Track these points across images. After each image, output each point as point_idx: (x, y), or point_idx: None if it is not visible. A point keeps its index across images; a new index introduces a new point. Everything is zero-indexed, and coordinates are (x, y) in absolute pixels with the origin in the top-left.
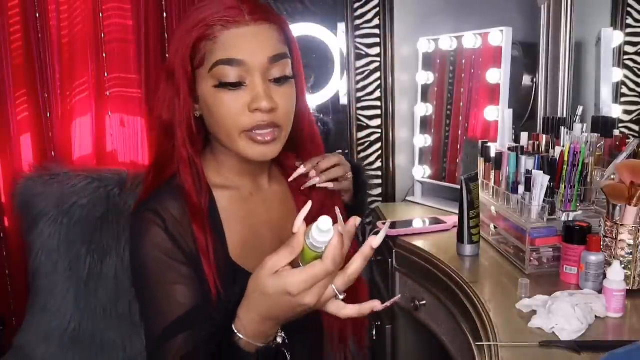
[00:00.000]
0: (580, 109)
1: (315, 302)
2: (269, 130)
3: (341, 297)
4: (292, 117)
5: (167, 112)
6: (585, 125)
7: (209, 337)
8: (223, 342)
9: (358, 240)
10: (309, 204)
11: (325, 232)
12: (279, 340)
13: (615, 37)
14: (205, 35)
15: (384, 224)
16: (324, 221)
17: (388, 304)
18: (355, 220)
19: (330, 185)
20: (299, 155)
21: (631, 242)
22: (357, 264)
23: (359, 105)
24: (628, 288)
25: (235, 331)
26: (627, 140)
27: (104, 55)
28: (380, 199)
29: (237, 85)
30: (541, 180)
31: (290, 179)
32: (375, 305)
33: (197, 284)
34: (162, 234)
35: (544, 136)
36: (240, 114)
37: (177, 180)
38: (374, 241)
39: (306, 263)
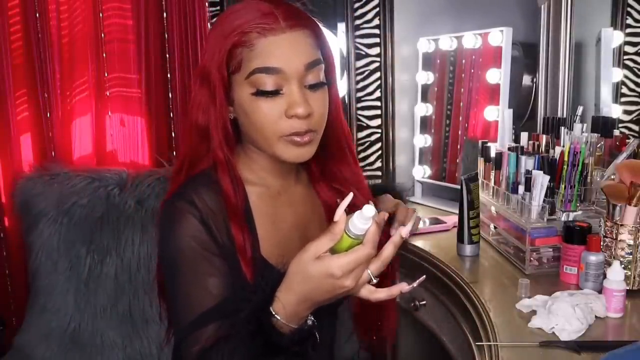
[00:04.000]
0: (580, 109)
1: (355, 285)
2: (306, 134)
3: (375, 281)
4: (325, 121)
5: (202, 116)
6: (585, 125)
7: (247, 319)
8: (260, 323)
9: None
10: (350, 195)
11: (367, 218)
12: (309, 322)
13: (615, 37)
14: (242, 42)
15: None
16: (369, 208)
17: (415, 284)
18: (385, 215)
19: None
20: (325, 157)
21: (631, 242)
22: (389, 250)
23: (359, 105)
24: (628, 288)
25: (274, 312)
26: (627, 140)
27: (104, 55)
28: None
29: (274, 93)
30: (541, 180)
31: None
32: (403, 287)
33: (228, 278)
34: (197, 224)
35: (544, 136)
36: (277, 121)
37: (212, 176)
38: (404, 230)
39: (341, 250)
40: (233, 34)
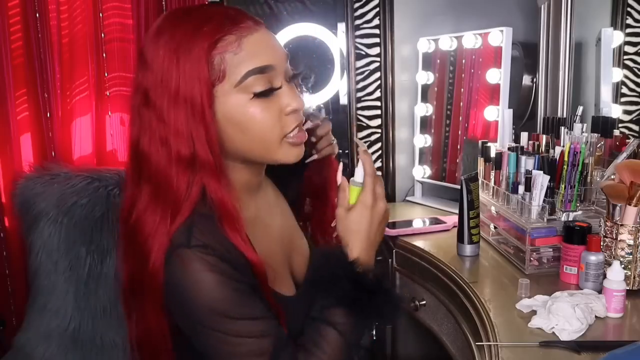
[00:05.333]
0: (580, 109)
1: (385, 204)
2: (301, 130)
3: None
4: None
5: (186, 146)
6: (585, 125)
7: (349, 294)
8: (358, 286)
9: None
10: (341, 165)
11: (360, 168)
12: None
13: (615, 37)
14: (222, 49)
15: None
16: (359, 167)
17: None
18: (359, 142)
19: (334, 150)
20: None
21: (631, 242)
22: (366, 159)
23: (359, 105)
24: (628, 288)
25: (361, 271)
26: (627, 140)
27: (104, 55)
28: None
29: (271, 91)
30: (541, 180)
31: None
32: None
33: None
34: (220, 263)
35: (544, 136)
36: (278, 121)
37: (206, 211)
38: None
39: (355, 198)
40: (205, 42)
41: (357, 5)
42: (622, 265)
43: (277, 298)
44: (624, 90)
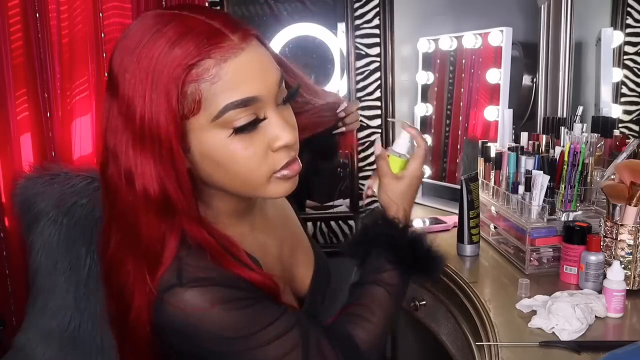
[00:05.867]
0: (580, 109)
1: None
2: (295, 161)
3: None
4: None
5: (154, 186)
6: (585, 125)
7: (406, 250)
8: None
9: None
10: (378, 138)
11: (405, 140)
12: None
13: (615, 37)
14: (196, 77)
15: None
16: (404, 135)
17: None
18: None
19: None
20: None
21: (631, 242)
22: (415, 133)
23: (359, 105)
24: (628, 288)
25: (419, 237)
26: (627, 140)
27: (104, 55)
28: None
29: (254, 124)
30: (541, 180)
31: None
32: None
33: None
34: (221, 290)
35: (544, 136)
36: (264, 159)
37: (187, 249)
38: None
39: (396, 169)
40: (177, 69)
41: (357, 5)
42: (622, 265)
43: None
44: (624, 90)
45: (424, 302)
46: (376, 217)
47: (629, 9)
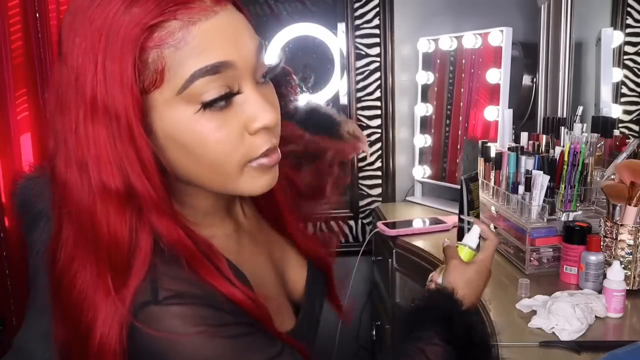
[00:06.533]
0: (580, 109)
1: None
2: (275, 150)
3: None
4: None
5: (113, 175)
6: (585, 125)
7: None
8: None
9: (358, 239)
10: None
11: (475, 234)
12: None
13: (615, 37)
14: (159, 41)
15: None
16: (475, 229)
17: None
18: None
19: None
20: None
21: (631, 242)
22: (485, 228)
23: (359, 105)
24: (628, 288)
25: (476, 324)
26: (627, 140)
27: None
28: (380, 199)
29: (228, 99)
30: (541, 180)
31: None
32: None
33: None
34: (199, 308)
35: (544, 136)
36: (239, 142)
37: (164, 253)
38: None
39: (468, 258)
40: (134, 29)
41: (357, 5)
42: (622, 265)
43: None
44: (624, 90)
45: None
46: (439, 292)
47: (629, 9)
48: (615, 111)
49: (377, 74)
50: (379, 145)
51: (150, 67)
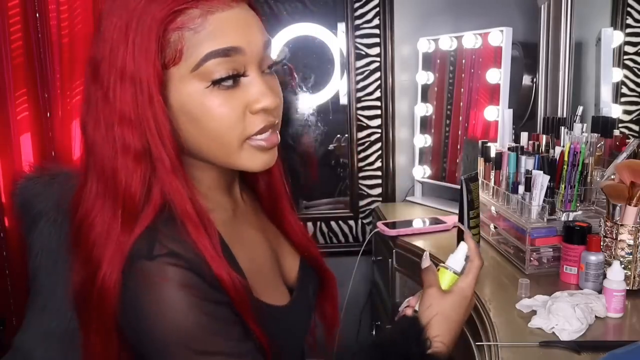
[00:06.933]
0: (580, 109)
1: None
2: (274, 132)
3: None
4: None
5: (134, 135)
6: (585, 125)
7: None
8: None
9: (358, 239)
10: (427, 253)
11: (461, 255)
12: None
13: (615, 37)
14: (181, 25)
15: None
16: (463, 247)
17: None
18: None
19: None
20: None
21: (631, 242)
22: (473, 249)
23: (359, 105)
24: (628, 288)
25: (440, 354)
26: (627, 140)
27: None
28: (380, 199)
29: (235, 80)
30: (541, 180)
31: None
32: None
33: (243, 326)
34: (189, 274)
35: (544, 136)
36: (240, 120)
37: (169, 215)
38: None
39: (447, 285)
40: (162, 11)
41: (357, 5)
42: (622, 265)
43: (266, 310)
44: (624, 90)
45: None
46: (408, 326)
47: (629, 9)
48: (615, 111)
49: (377, 74)
50: (379, 145)
51: (172, 46)
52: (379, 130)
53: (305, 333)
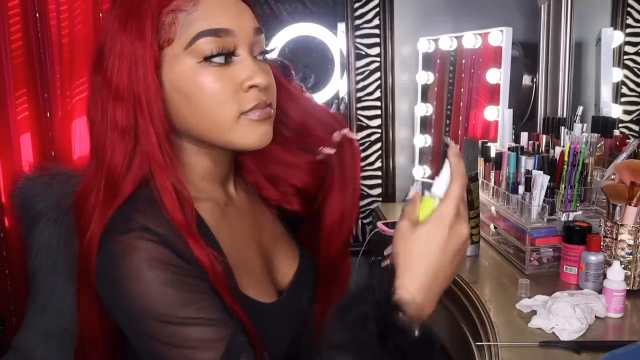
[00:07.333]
0: (580, 109)
1: (467, 227)
2: (266, 108)
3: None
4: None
5: (124, 112)
6: (585, 125)
7: (362, 325)
8: (383, 327)
9: (358, 239)
10: (416, 185)
11: (445, 178)
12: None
13: (615, 37)
14: (175, 7)
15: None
16: (446, 170)
17: None
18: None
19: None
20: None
21: (631, 242)
22: (456, 165)
23: (359, 105)
24: (628, 288)
25: (403, 305)
26: (627, 140)
27: None
28: (380, 199)
29: (227, 57)
30: (541, 180)
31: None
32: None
33: (217, 299)
34: (160, 248)
35: (544, 136)
36: (233, 96)
37: (151, 194)
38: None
39: (427, 214)
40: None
41: (357, 5)
42: (622, 265)
43: (248, 304)
44: (624, 90)
45: None
46: (365, 283)
47: (629, 9)
48: (615, 111)
49: (377, 74)
50: (379, 145)
51: (166, 28)
52: (379, 130)
53: (289, 340)
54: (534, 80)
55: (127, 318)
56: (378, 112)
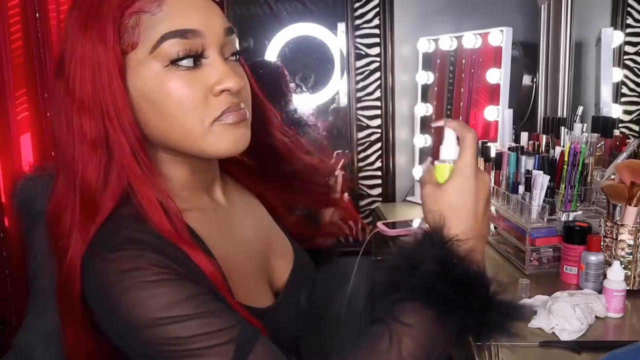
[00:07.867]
0: (580, 109)
1: (487, 174)
2: (240, 110)
3: None
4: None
5: (91, 122)
6: (585, 125)
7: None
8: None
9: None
10: (428, 160)
11: (451, 142)
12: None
13: (615, 37)
14: (137, 9)
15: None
16: (449, 135)
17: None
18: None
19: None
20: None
21: (631, 242)
22: (459, 127)
23: (359, 105)
24: (628, 288)
25: (464, 258)
26: (627, 140)
27: None
28: (380, 199)
29: (196, 59)
30: (541, 180)
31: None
32: None
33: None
34: (152, 254)
35: (544, 136)
36: (202, 102)
37: (131, 210)
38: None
39: (446, 177)
40: (118, 0)
41: (357, 5)
42: (622, 265)
43: (247, 311)
44: (624, 90)
45: None
46: (416, 244)
47: (629, 9)
48: (615, 111)
49: (377, 74)
50: (379, 145)
51: (129, 31)
52: (379, 130)
53: (290, 340)
54: (534, 80)
55: (129, 332)
56: (378, 112)
